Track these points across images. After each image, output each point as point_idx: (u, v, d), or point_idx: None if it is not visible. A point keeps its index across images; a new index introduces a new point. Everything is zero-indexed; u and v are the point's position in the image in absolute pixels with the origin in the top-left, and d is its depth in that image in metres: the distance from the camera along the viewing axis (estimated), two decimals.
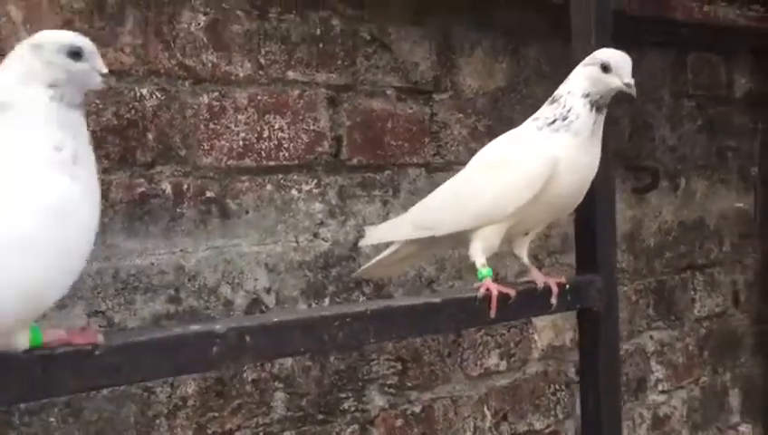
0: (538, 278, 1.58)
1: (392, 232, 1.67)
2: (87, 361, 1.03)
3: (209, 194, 1.69)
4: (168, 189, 1.63)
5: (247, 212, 1.74)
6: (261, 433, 1.75)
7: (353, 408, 1.91)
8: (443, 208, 1.57)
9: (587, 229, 1.70)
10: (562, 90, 1.50)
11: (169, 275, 1.63)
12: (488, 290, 1.48)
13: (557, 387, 2.35)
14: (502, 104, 2.24)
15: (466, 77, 2.16)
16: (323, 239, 1.87)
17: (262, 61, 1.78)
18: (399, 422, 1.99)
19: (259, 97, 1.77)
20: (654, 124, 2.69)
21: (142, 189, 1.60)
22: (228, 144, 1.72)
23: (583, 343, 1.72)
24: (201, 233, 1.67)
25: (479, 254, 1.52)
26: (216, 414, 1.69)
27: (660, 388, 2.69)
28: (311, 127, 1.85)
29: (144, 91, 1.61)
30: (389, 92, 2.00)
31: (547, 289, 1.57)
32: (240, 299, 1.73)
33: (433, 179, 2.05)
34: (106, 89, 1.37)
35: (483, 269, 1.51)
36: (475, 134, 2.17)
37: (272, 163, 1.78)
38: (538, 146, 1.46)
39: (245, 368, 1.70)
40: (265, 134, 1.78)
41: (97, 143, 1.54)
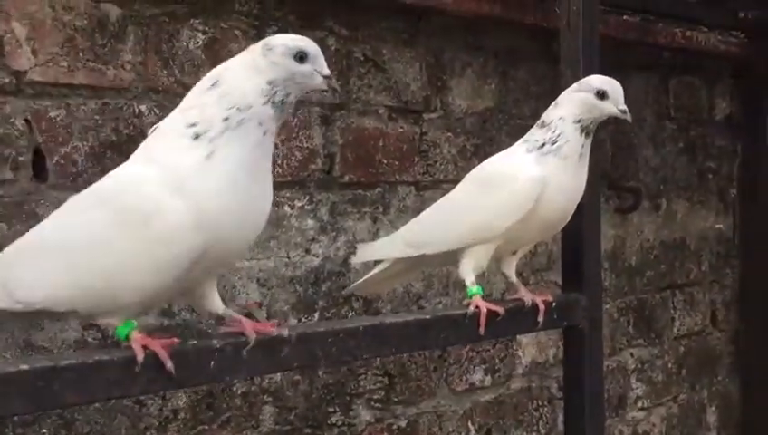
0: (526, 296, 1.62)
1: (384, 250, 1.71)
2: (90, 372, 1.05)
3: None
4: None
5: None
6: None
7: (341, 422, 1.94)
8: (434, 227, 1.61)
9: (573, 249, 1.75)
10: (553, 115, 1.54)
11: None
12: (477, 307, 1.52)
13: (540, 403, 2.39)
14: (490, 124, 2.29)
15: (456, 97, 2.21)
16: (314, 255, 1.90)
17: None
18: None
19: None
20: (637, 145, 2.75)
21: None
22: None
23: (568, 361, 1.76)
24: None
25: (469, 272, 1.56)
26: (206, 427, 1.71)
27: (640, 405, 2.74)
28: (304, 144, 1.88)
29: (143, 107, 1.64)
30: (381, 111, 2.04)
31: (534, 307, 1.61)
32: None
33: (422, 197, 2.10)
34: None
35: (472, 287, 1.55)
36: (464, 153, 2.21)
37: None
38: (527, 168, 1.51)
39: (236, 381, 1.72)
40: None
41: (96, 158, 1.57)
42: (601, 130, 2.56)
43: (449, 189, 1.67)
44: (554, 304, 1.63)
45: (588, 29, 1.72)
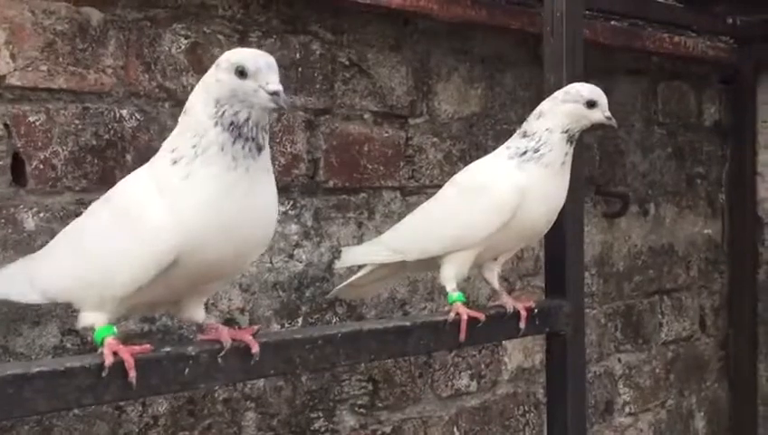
0: (507, 303, 1.62)
1: (366, 255, 1.71)
2: (61, 379, 1.04)
3: None
4: None
5: None
6: None
7: (324, 428, 1.93)
8: (414, 234, 1.61)
9: (556, 255, 1.75)
10: (537, 126, 1.52)
11: None
12: (458, 314, 1.52)
13: (526, 408, 2.39)
14: (477, 129, 2.28)
15: (442, 102, 2.21)
16: (298, 260, 1.90)
17: None
18: None
19: None
20: (625, 151, 2.75)
21: None
22: None
23: (551, 366, 1.76)
24: None
25: (450, 278, 1.56)
26: (188, 433, 1.70)
27: (627, 410, 2.74)
28: (288, 149, 1.88)
29: (124, 112, 1.63)
30: (366, 116, 2.04)
31: (516, 313, 1.61)
32: (213, 319, 1.74)
33: (407, 202, 2.09)
34: None
35: (453, 293, 1.55)
36: (450, 158, 2.21)
37: None
38: (508, 176, 1.50)
39: (217, 387, 1.71)
40: None
41: (76, 163, 1.56)
42: (588, 136, 2.58)
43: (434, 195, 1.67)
44: (536, 311, 1.63)
45: (571, 34, 1.72)
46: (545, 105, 1.54)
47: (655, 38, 2.65)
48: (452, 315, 1.51)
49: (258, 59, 1.10)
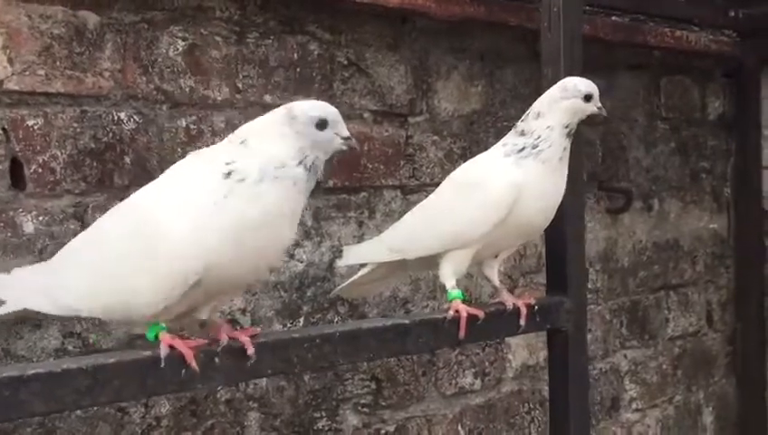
0: (507, 300, 1.62)
1: (367, 254, 1.71)
2: (57, 381, 1.05)
3: None
4: None
5: None
6: None
7: (327, 428, 1.93)
8: (413, 232, 1.61)
9: (557, 251, 1.74)
10: (537, 126, 1.51)
11: None
12: (457, 312, 1.52)
13: (531, 406, 2.38)
14: (477, 127, 2.28)
15: (442, 100, 2.20)
16: (299, 260, 1.90)
17: (239, 85, 1.81)
18: None
19: (236, 121, 1.80)
20: (627, 146, 2.74)
21: None
22: None
23: (553, 363, 1.76)
24: None
25: (449, 276, 1.56)
26: (190, 434, 1.71)
27: (634, 406, 2.73)
28: None
29: (122, 114, 1.64)
30: (366, 115, 2.04)
31: (516, 310, 1.60)
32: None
33: (408, 201, 2.09)
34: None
35: (452, 291, 1.55)
36: (451, 156, 2.21)
37: None
38: (504, 173, 1.50)
39: (219, 388, 1.72)
40: None
41: (74, 166, 1.57)
42: (591, 132, 2.57)
43: None
44: (536, 308, 1.62)
45: (569, 30, 1.71)
46: (543, 104, 1.53)
47: (656, 33, 2.64)
48: (451, 313, 1.51)
49: (332, 111, 1.26)
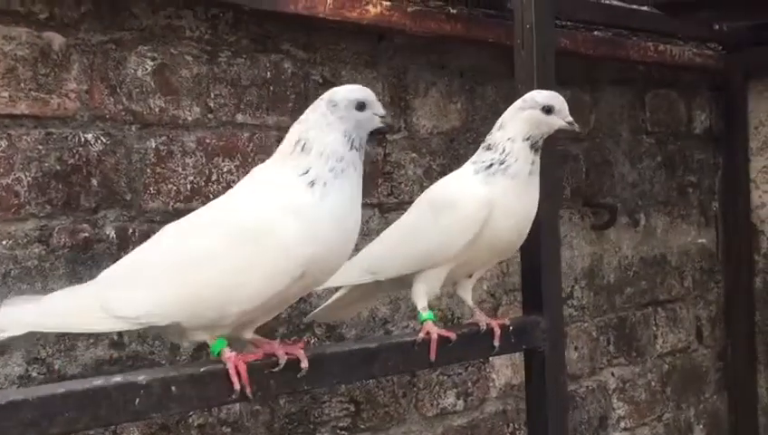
0: (481, 320, 1.59)
1: (339, 276, 1.67)
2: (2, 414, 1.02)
3: None
4: (113, 234, 1.63)
5: None
6: None
7: None
8: (385, 253, 1.58)
9: (532, 270, 1.72)
10: (499, 138, 1.51)
11: None
12: (428, 334, 1.49)
13: (516, 426, 2.35)
14: (457, 143, 2.26)
15: (421, 117, 2.18)
16: None
17: (211, 104, 1.80)
18: None
19: (208, 140, 1.78)
20: (613, 161, 2.72)
21: (86, 235, 1.60)
22: (175, 187, 1.73)
23: (530, 384, 1.73)
24: None
25: (421, 296, 1.53)
26: None
27: (623, 425, 2.69)
28: None
29: (89, 136, 1.61)
30: None
31: (490, 331, 1.58)
32: (187, 343, 1.72)
33: (386, 220, 2.06)
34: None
35: (423, 313, 1.52)
36: (430, 174, 2.18)
37: None
38: (473, 191, 1.48)
39: (190, 413, 1.69)
40: (214, 177, 1.79)
41: (39, 189, 1.55)
42: (575, 147, 2.55)
43: None
44: (511, 328, 1.60)
45: (541, 46, 1.70)
46: (505, 115, 1.53)
47: (639, 47, 2.62)
48: (421, 335, 1.48)
49: (368, 92, 1.36)
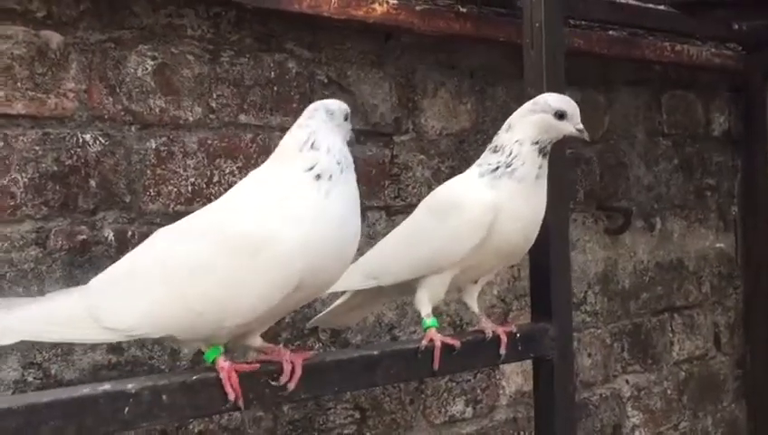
0: (487, 327, 1.54)
1: (341, 281, 1.63)
2: None
3: None
4: (111, 236, 1.60)
5: None
6: None
7: None
8: (388, 258, 1.54)
9: (540, 275, 1.67)
10: (507, 140, 1.47)
11: None
12: (431, 341, 1.44)
13: (526, 434, 2.29)
14: (467, 145, 2.21)
15: (429, 118, 2.14)
16: None
17: (213, 104, 1.76)
18: None
19: (209, 141, 1.75)
20: (628, 164, 2.66)
21: (84, 237, 1.57)
22: (176, 189, 1.70)
23: (538, 393, 1.67)
24: None
25: (425, 303, 1.49)
26: None
27: (637, 434, 2.62)
28: None
29: (87, 136, 1.58)
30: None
31: (496, 338, 1.53)
32: (187, 348, 1.69)
33: (393, 222, 2.02)
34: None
35: (427, 319, 1.47)
36: (438, 176, 2.14)
37: None
38: (479, 194, 1.43)
39: (189, 420, 1.65)
40: (216, 179, 1.75)
41: (36, 190, 1.52)
42: (588, 150, 2.49)
43: None
44: (518, 335, 1.55)
45: (551, 45, 1.64)
46: (514, 117, 1.48)
47: (655, 47, 2.56)
48: (424, 343, 1.44)
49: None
